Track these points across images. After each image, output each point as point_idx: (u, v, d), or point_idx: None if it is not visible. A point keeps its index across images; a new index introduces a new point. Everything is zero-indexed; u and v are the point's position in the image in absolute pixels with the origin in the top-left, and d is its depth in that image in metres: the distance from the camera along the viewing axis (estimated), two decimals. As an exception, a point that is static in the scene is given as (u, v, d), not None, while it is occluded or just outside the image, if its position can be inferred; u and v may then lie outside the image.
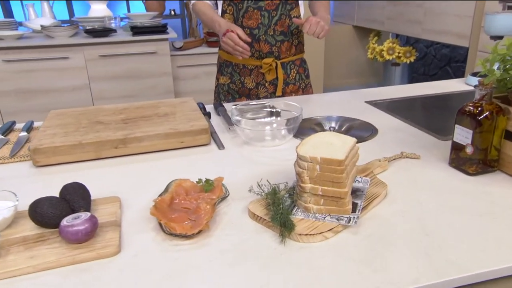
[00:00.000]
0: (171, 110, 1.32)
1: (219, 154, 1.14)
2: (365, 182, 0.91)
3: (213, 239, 0.76)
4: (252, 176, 1.00)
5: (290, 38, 1.59)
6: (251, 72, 1.62)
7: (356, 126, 1.28)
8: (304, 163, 0.79)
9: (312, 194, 0.79)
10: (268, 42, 1.56)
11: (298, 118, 1.18)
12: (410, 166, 1.02)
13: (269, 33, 1.55)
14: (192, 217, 0.80)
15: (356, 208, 0.81)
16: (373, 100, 1.55)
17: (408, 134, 1.22)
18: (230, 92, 1.68)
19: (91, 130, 1.16)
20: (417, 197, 0.88)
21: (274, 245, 0.74)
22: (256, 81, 1.63)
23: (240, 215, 0.83)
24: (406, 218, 0.80)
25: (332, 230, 0.76)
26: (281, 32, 1.57)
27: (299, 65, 1.68)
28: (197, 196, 0.87)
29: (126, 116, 1.28)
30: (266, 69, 1.58)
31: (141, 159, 1.11)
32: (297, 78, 1.67)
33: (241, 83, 1.64)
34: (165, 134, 1.14)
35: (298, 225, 0.77)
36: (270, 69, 1.59)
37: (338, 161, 0.76)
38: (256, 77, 1.62)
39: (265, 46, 1.56)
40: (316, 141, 0.84)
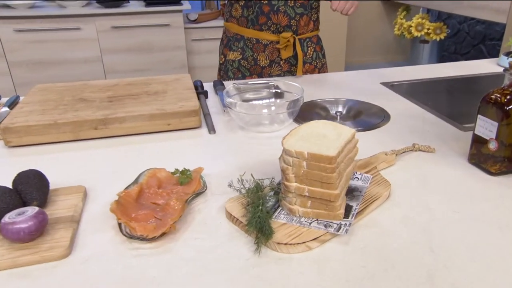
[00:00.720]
0: (163, 88, 1.21)
1: (209, 139, 1.02)
2: (366, 180, 0.78)
3: (179, 244, 0.65)
4: (241, 166, 0.88)
5: (309, 12, 1.44)
6: (265, 48, 1.46)
7: (365, 111, 1.14)
8: (289, 158, 0.67)
9: (298, 194, 0.67)
10: (287, 14, 1.41)
11: (299, 100, 1.05)
12: (422, 161, 0.88)
13: (289, 4, 1.40)
14: (159, 215, 0.70)
15: (349, 212, 0.69)
16: (390, 82, 1.40)
17: (425, 122, 1.07)
18: (241, 70, 1.52)
19: (71, 109, 1.06)
20: (426, 200, 0.75)
21: (247, 255, 0.63)
22: (271, 58, 1.48)
23: (216, 215, 0.72)
24: (409, 227, 0.68)
25: (318, 239, 0.64)
26: (301, 5, 1.41)
27: (316, 42, 1.53)
28: (170, 190, 0.76)
29: (113, 93, 1.17)
30: (283, 45, 1.43)
31: (123, 142, 1.01)
32: (314, 57, 1.53)
33: (254, 60, 1.49)
34: (150, 115, 1.03)
35: (279, 231, 0.65)
36: (287, 45, 1.43)
37: (328, 158, 0.63)
38: (270, 54, 1.47)
39: (283, 18, 1.41)
40: (307, 132, 0.72)
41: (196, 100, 1.11)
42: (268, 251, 0.63)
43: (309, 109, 1.17)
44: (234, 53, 1.52)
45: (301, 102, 1.06)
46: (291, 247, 0.62)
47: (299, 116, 1.12)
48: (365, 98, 1.23)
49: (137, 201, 0.73)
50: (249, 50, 1.48)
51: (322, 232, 0.64)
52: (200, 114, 1.08)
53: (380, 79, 1.42)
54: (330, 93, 1.29)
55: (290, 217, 0.68)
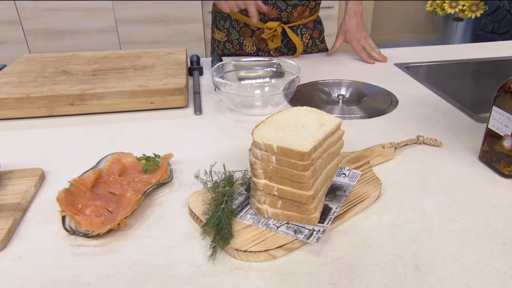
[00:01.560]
0: (153, 62, 1.12)
1: (193, 120, 0.94)
2: (354, 177, 0.68)
3: (128, 242, 0.58)
4: (220, 153, 0.79)
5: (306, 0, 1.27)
6: (253, 33, 1.31)
7: (371, 95, 1.03)
8: (258, 151, 0.57)
9: (267, 193, 0.58)
10: (277, 7, 1.23)
11: (294, 81, 0.94)
12: (425, 156, 0.77)
13: None
14: (111, 207, 0.62)
15: (327, 216, 0.59)
16: (405, 63, 1.26)
17: (437, 111, 0.95)
18: (226, 53, 1.38)
19: (50, 81, 0.99)
20: (422, 204, 0.64)
21: (201, 261, 0.54)
22: (258, 45, 1.33)
23: (179, 210, 0.64)
24: (396, 237, 0.58)
25: (284, 246, 0.55)
26: None
27: (312, 28, 1.35)
28: (132, 178, 0.68)
29: (99, 66, 1.09)
30: (269, 35, 1.26)
31: (101, 121, 0.94)
32: (310, 45, 1.37)
33: (239, 45, 1.34)
34: (131, 92, 0.95)
35: (241, 234, 0.56)
36: (275, 35, 1.27)
37: (299, 154, 0.54)
38: (258, 41, 1.32)
39: (273, 11, 1.24)
40: (285, 120, 0.62)
41: (183, 77, 1.01)
42: (226, 257, 0.55)
43: (308, 91, 1.06)
44: (220, 33, 1.36)
45: (297, 82, 0.95)
46: (251, 255, 0.54)
47: (296, 98, 1.01)
48: (373, 81, 1.11)
49: (93, 189, 0.66)
50: (235, 32, 1.32)
51: (290, 239, 0.55)
52: (186, 93, 0.99)
53: (395, 59, 1.29)
54: (334, 74, 1.17)
55: (258, 218, 0.59)
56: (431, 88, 1.07)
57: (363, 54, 1.28)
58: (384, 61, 1.27)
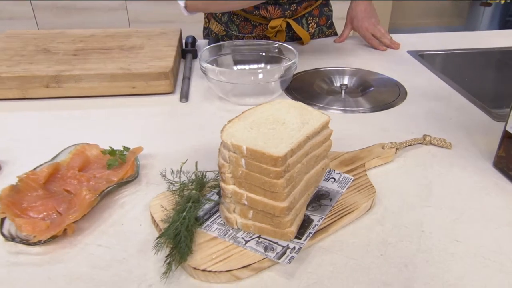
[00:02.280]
0: (142, 42, 1.04)
1: (178, 109, 0.85)
2: (344, 182, 0.59)
3: (75, 252, 0.50)
4: (199, 148, 0.71)
5: None
6: (253, 29, 1.18)
7: (377, 86, 0.92)
8: (226, 153, 0.49)
9: (236, 201, 0.50)
10: (280, 6, 1.11)
11: (291, 67, 0.85)
12: (431, 159, 0.67)
13: None
14: (61, 208, 0.54)
15: (306, 229, 0.50)
16: (420, 51, 1.15)
17: (449, 106, 0.84)
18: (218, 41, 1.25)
19: (26, 61, 0.92)
20: (421, 218, 0.55)
21: (152, 279, 0.46)
22: None
23: (140, 214, 0.56)
24: (386, 258, 0.49)
25: (251, 266, 0.46)
26: None
27: (318, 15, 1.23)
28: (93, 175, 0.61)
29: (84, 46, 1.01)
30: (272, 34, 1.16)
31: (78, 105, 0.86)
32: (316, 33, 1.26)
33: None
34: (111, 75, 0.87)
35: (203, 248, 0.48)
36: (278, 31, 1.16)
37: (272, 158, 0.45)
38: (258, 37, 1.20)
39: (275, 11, 1.12)
40: (262, 116, 0.53)
41: (171, 60, 0.93)
42: (182, 275, 0.47)
43: (307, 80, 0.96)
44: (218, 26, 1.23)
45: (294, 69, 0.86)
46: (211, 275, 0.46)
47: (293, 87, 0.92)
48: (381, 69, 1.01)
49: (47, 186, 0.58)
50: (234, 27, 1.20)
51: (258, 257, 0.47)
52: (172, 78, 0.90)
53: (409, 46, 1.18)
54: (340, 61, 1.07)
55: (225, 229, 0.51)
56: (446, 80, 0.96)
57: (373, 41, 1.17)
58: (396, 47, 1.16)
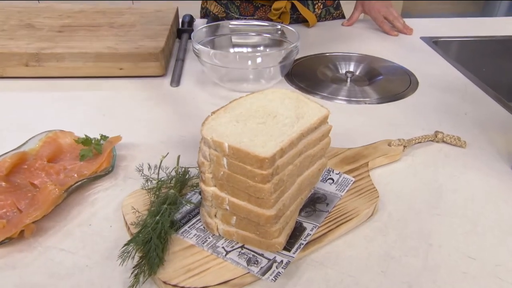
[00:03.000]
0: (134, 20, 0.96)
1: (167, 94, 0.79)
2: (343, 184, 0.52)
3: (33, 256, 0.44)
4: (186, 139, 0.65)
5: None
6: (255, 10, 1.11)
7: (386, 74, 0.85)
8: (206, 150, 0.42)
9: (216, 205, 0.43)
10: None
11: (292, 51, 0.77)
12: (443, 160, 0.60)
13: None
14: (22, 204, 0.48)
15: (297, 239, 0.44)
16: (434, 37, 1.07)
17: (465, 98, 0.77)
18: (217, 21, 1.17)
19: (6, 36, 0.85)
20: (429, 228, 0.48)
21: (117, 292, 0.40)
22: None
23: (113, 213, 0.50)
24: (388, 276, 0.42)
25: (231, 282, 0.40)
26: None
27: None
28: (63, 166, 0.54)
29: (71, 21, 0.94)
30: (276, 16, 1.07)
31: (59, 87, 0.79)
32: (323, 14, 1.17)
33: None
34: (96, 54, 0.80)
35: (177, 258, 0.42)
36: (283, 12, 1.08)
37: (257, 159, 0.38)
38: (261, 19, 1.11)
39: None
40: (251, 108, 0.46)
41: (163, 40, 0.85)
42: (152, 289, 0.41)
43: (310, 65, 0.89)
44: (217, 7, 1.15)
45: (295, 53, 0.78)
46: (183, 291, 0.39)
47: (294, 73, 0.85)
48: (391, 56, 0.93)
49: (9, 178, 0.52)
50: (235, 8, 1.12)
51: (240, 272, 0.41)
52: (164, 59, 0.83)
53: (422, 32, 1.09)
54: (346, 46, 0.99)
55: (205, 235, 0.45)
56: (461, 69, 0.88)
57: (385, 25, 1.08)
58: (409, 33, 1.08)
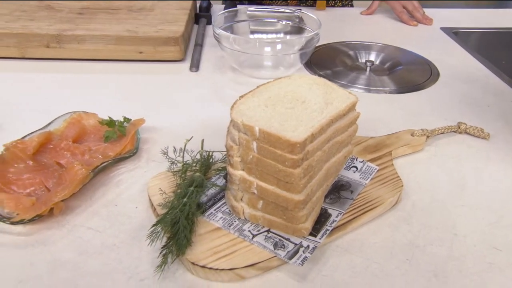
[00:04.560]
0: (152, 4, 0.96)
1: (186, 78, 0.78)
2: (367, 172, 0.52)
3: (61, 233, 0.45)
4: (208, 124, 0.65)
5: None
6: None
7: (406, 65, 0.84)
8: (236, 133, 0.42)
9: (244, 189, 0.43)
10: None
11: (313, 39, 0.77)
12: (466, 151, 0.60)
13: None
14: (50, 183, 0.49)
15: (323, 225, 0.44)
16: (454, 28, 1.05)
17: (487, 91, 0.76)
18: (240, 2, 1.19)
19: (27, 17, 0.85)
20: (453, 219, 0.48)
21: (145, 272, 0.41)
22: None
23: (137, 194, 0.51)
24: (413, 265, 0.42)
25: (258, 265, 0.40)
26: None
27: None
28: (88, 147, 0.55)
29: (90, 4, 0.94)
30: None
31: (79, 69, 0.80)
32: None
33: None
34: (117, 37, 0.80)
35: (204, 240, 0.42)
36: None
37: (289, 144, 0.38)
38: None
39: None
40: (279, 92, 0.46)
41: (183, 24, 0.85)
42: (179, 269, 0.41)
43: (329, 53, 0.88)
44: None
45: (316, 41, 0.78)
46: (211, 273, 0.40)
47: (314, 61, 0.84)
48: (411, 47, 0.92)
49: (35, 157, 0.52)
50: None
51: (267, 255, 0.41)
52: (183, 44, 0.83)
53: (442, 22, 1.08)
54: (363, 35, 0.98)
55: (231, 219, 0.45)
56: (482, 61, 0.87)
57: (403, 15, 1.07)
58: (428, 23, 1.07)
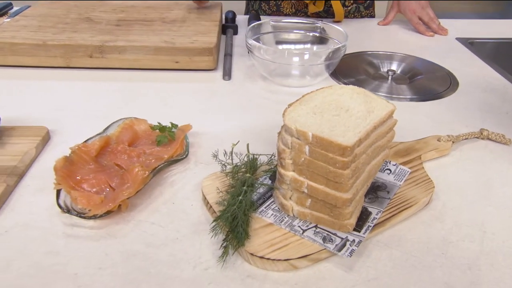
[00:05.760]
0: (183, 16, 1.01)
1: (220, 86, 0.84)
2: (400, 175, 0.56)
3: (128, 228, 0.50)
4: (247, 128, 0.70)
5: None
6: None
7: (427, 74, 0.89)
8: (288, 138, 0.47)
9: (294, 188, 0.48)
10: None
11: (340, 50, 0.82)
12: (489, 155, 0.64)
13: None
14: (114, 182, 0.54)
15: (365, 222, 0.49)
16: (469, 38, 1.10)
17: (506, 99, 0.81)
18: (260, 14, 1.24)
19: (70, 29, 0.90)
20: (482, 218, 0.53)
21: (208, 262, 0.46)
22: (297, 7, 1.20)
23: (191, 193, 0.56)
24: (448, 258, 0.47)
25: (310, 257, 0.45)
26: None
27: None
28: (143, 150, 0.60)
29: (125, 16, 1.00)
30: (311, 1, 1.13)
31: (120, 77, 0.85)
32: (352, 11, 1.22)
33: (276, 6, 1.21)
34: (155, 48, 0.85)
35: (259, 234, 0.47)
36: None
37: (340, 147, 0.43)
38: (297, 3, 1.19)
39: None
40: (325, 101, 0.51)
41: (215, 36, 0.90)
42: (238, 260, 0.46)
43: (353, 63, 0.93)
44: None
45: (343, 52, 0.83)
46: (269, 263, 0.45)
47: (338, 70, 0.89)
48: (430, 57, 0.97)
49: (97, 159, 0.58)
50: None
51: (317, 248, 0.46)
52: (216, 54, 0.88)
53: (457, 33, 1.13)
54: (382, 45, 1.03)
55: (281, 215, 0.50)
56: (499, 70, 0.92)
57: (420, 27, 1.12)
58: (444, 33, 1.12)
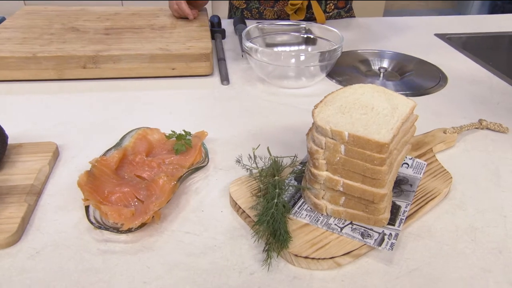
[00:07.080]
0: (172, 22, 1.00)
1: (220, 91, 0.83)
2: (418, 168, 0.59)
3: (163, 239, 0.49)
4: (256, 132, 0.70)
5: None
6: (275, 3, 1.19)
7: (416, 70, 0.92)
8: (322, 138, 0.48)
9: (328, 187, 0.49)
10: None
11: (336, 51, 0.84)
12: (491, 144, 0.68)
13: None
14: (141, 195, 0.53)
15: (396, 216, 0.50)
16: (447, 33, 1.15)
17: (493, 90, 0.85)
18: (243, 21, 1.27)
19: (58, 39, 0.87)
20: (500, 203, 0.56)
21: (252, 266, 0.46)
22: (279, 14, 1.22)
23: (218, 200, 0.55)
24: (478, 244, 0.49)
25: (352, 253, 0.46)
26: None
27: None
28: (162, 160, 0.59)
29: (112, 24, 0.97)
30: (292, 10, 1.15)
31: (116, 87, 0.83)
32: (334, 16, 1.25)
33: (259, 14, 1.23)
34: (151, 55, 0.84)
35: (298, 235, 0.48)
36: (299, 8, 1.15)
37: (378, 145, 0.44)
38: (280, 11, 1.21)
39: None
40: (348, 101, 0.52)
41: (208, 41, 0.90)
42: (281, 263, 0.46)
43: (345, 61, 0.95)
44: (238, 0, 1.24)
45: (339, 53, 0.85)
46: (313, 262, 0.45)
47: (332, 70, 0.91)
48: (414, 53, 1.01)
49: (117, 172, 0.56)
50: (255, 0, 1.21)
51: (358, 244, 0.47)
52: (212, 59, 0.88)
53: (435, 29, 1.18)
54: (370, 43, 1.06)
55: (315, 215, 0.51)
56: (479, 62, 0.97)
57: None
58: None
